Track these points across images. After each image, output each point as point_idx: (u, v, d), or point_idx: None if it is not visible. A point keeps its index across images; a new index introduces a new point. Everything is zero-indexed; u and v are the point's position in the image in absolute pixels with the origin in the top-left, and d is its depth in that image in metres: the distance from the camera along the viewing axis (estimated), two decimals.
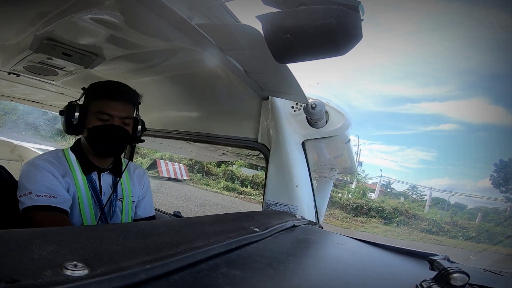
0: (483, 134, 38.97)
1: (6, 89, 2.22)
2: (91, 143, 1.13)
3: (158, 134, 2.08)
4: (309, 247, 0.78)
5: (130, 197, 1.28)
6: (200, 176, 16.20)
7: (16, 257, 0.28)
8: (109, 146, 1.14)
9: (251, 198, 14.01)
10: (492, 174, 24.20)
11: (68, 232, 0.39)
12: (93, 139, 1.12)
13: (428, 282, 0.51)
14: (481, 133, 38.62)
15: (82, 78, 1.66)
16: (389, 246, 0.96)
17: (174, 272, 0.37)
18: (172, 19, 0.85)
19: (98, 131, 1.12)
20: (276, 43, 0.72)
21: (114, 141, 1.14)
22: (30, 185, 1.03)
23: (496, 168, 24.67)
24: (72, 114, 1.13)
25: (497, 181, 23.78)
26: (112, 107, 1.13)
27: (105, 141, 1.13)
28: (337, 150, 1.76)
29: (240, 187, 15.22)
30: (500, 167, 24.76)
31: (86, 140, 1.14)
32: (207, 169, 16.40)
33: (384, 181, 18.94)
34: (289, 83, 1.16)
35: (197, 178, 15.98)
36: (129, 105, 1.18)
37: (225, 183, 15.41)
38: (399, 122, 49.10)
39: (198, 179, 15.84)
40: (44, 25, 1.04)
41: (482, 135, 38.68)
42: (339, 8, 0.64)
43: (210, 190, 14.51)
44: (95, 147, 1.14)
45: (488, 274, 0.80)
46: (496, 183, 23.72)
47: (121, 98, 1.16)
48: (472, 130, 38.09)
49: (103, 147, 1.14)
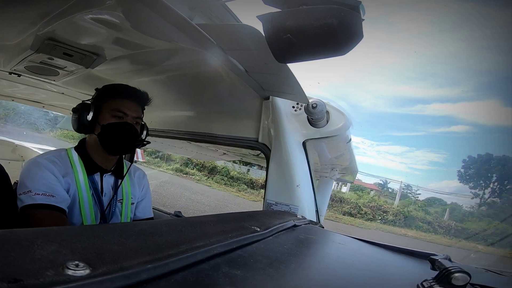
0: (498, 136, 38.90)
1: (7, 89, 2.23)
2: (103, 140, 1.14)
3: (158, 133, 2.09)
4: (310, 247, 0.78)
5: (130, 198, 1.28)
6: (158, 160, 17.96)
7: (18, 257, 0.29)
8: (121, 142, 1.16)
9: (192, 177, 16.41)
10: (460, 170, 26.13)
11: (70, 231, 0.39)
12: (107, 135, 1.14)
13: (429, 281, 0.51)
14: (496, 135, 38.54)
15: (83, 78, 1.66)
16: (390, 246, 0.96)
17: (175, 272, 0.37)
18: (173, 19, 0.85)
19: (114, 127, 1.14)
20: (277, 43, 0.72)
21: (126, 138, 1.17)
22: (30, 183, 1.04)
23: (464, 164, 26.34)
24: (87, 112, 1.15)
25: (464, 177, 25.64)
26: (127, 106, 1.17)
27: (119, 137, 1.15)
28: (338, 150, 1.76)
29: (189, 169, 17.26)
30: (468, 163, 26.24)
31: (98, 137, 1.14)
32: (167, 155, 17.83)
33: None
34: (290, 83, 1.16)
35: (155, 161, 17.88)
36: (140, 107, 1.23)
37: (177, 166, 17.31)
38: (409, 123, 49.06)
39: (155, 162, 17.79)
40: (45, 25, 1.05)
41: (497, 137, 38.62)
42: (340, 8, 0.64)
43: (158, 170, 16.59)
44: (107, 143, 1.15)
45: (489, 274, 0.80)
46: (464, 179, 25.53)
47: (135, 99, 1.20)
48: (486, 132, 38.06)
49: (115, 143, 1.15)
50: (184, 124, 1.95)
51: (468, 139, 41.57)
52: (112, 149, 1.17)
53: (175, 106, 1.92)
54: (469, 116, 46.69)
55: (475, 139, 40.91)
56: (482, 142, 41.44)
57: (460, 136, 42.73)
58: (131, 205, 1.29)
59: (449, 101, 48.97)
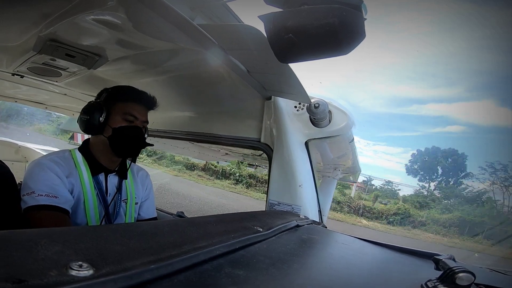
0: (493, 136, 38.96)
1: (9, 90, 2.24)
2: (114, 142, 1.15)
3: (161, 134, 2.09)
4: (313, 247, 0.78)
5: (134, 198, 1.29)
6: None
7: (22, 258, 0.29)
8: (132, 146, 1.19)
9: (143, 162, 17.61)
10: (406, 164, 30.62)
11: (73, 232, 0.40)
12: (118, 138, 1.14)
13: (433, 281, 0.50)
14: (491, 135, 38.58)
15: (85, 79, 1.67)
16: (393, 246, 0.95)
17: (178, 272, 0.37)
18: (174, 19, 0.85)
19: (125, 131, 1.15)
20: (279, 42, 0.72)
21: (137, 142, 1.19)
22: (33, 184, 1.04)
23: (412, 158, 30.61)
24: (99, 113, 1.15)
25: (410, 169, 30.02)
26: (138, 110, 1.19)
27: (130, 141, 1.17)
28: (341, 150, 1.76)
29: None
30: (416, 156, 30.28)
31: (109, 139, 1.15)
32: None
33: None
34: (292, 83, 1.16)
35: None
36: (147, 111, 1.25)
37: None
38: (405, 123, 49.16)
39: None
40: (47, 26, 1.05)
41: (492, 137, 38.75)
42: (341, 7, 0.64)
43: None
44: (117, 147, 1.16)
45: (493, 273, 0.79)
46: (410, 171, 29.90)
47: (145, 103, 1.22)
48: (481, 132, 38.30)
49: (126, 147, 1.17)
50: (186, 124, 1.95)
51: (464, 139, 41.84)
52: (122, 152, 1.19)
53: (177, 106, 1.92)
54: (465, 116, 46.87)
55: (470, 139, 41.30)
56: (477, 142, 41.69)
57: (455, 136, 42.92)
58: (135, 205, 1.30)
59: (445, 101, 49.20)
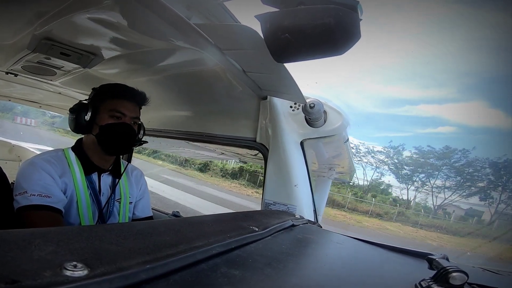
0: (482, 137, 39.55)
1: (4, 89, 2.21)
2: (102, 140, 1.14)
3: (156, 133, 2.08)
4: (308, 247, 0.78)
5: (128, 198, 1.28)
6: None
7: (15, 258, 0.28)
8: (120, 143, 1.16)
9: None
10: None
11: (68, 232, 0.39)
12: (105, 136, 1.13)
13: (427, 281, 0.51)
14: (480, 136, 39.15)
15: (81, 78, 1.66)
16: (388, 245, 0.96)
17: (174, 272, 0.37)
18: (170, 18, 0.85)
19: (112, 128, 1.14)
20: (275, 42, 0.73)
21: (125, 138, 1.17)
22: (26, 184, 1.03)
23: None
24: (85, 112, 1.14)
25: None
26: (125, 107, 1.17)
27: (117, 138, 1.15)
28: (335, 150, 1.76)
29: None
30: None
31: (97, 138, 1.14)
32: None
33: None
34: (287, 83, 1.16)
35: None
36: (138, 107, 1.23)
37: None
38: (397, 123, 49.69)
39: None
40: (42, 24, 1.04)
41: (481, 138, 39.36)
42: (337, 7, 0.65)
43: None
44: (105, 144, 1.15)
45: (486, 273, 0.80)
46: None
47: (133, 99, 1.20)
48: (471, 133, 38.95)
49: (114, 144, 1.15)
50: (182, 124, 1.95)
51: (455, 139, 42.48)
52: (110, 149, 1.17)
53: (173, 105, 1.91)
54: (455, 117, 47.54)
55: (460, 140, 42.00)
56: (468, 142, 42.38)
57: (446, 137, 43.58)
58: (129, 204, 1.29)
59: (436, 102, 49.89)
